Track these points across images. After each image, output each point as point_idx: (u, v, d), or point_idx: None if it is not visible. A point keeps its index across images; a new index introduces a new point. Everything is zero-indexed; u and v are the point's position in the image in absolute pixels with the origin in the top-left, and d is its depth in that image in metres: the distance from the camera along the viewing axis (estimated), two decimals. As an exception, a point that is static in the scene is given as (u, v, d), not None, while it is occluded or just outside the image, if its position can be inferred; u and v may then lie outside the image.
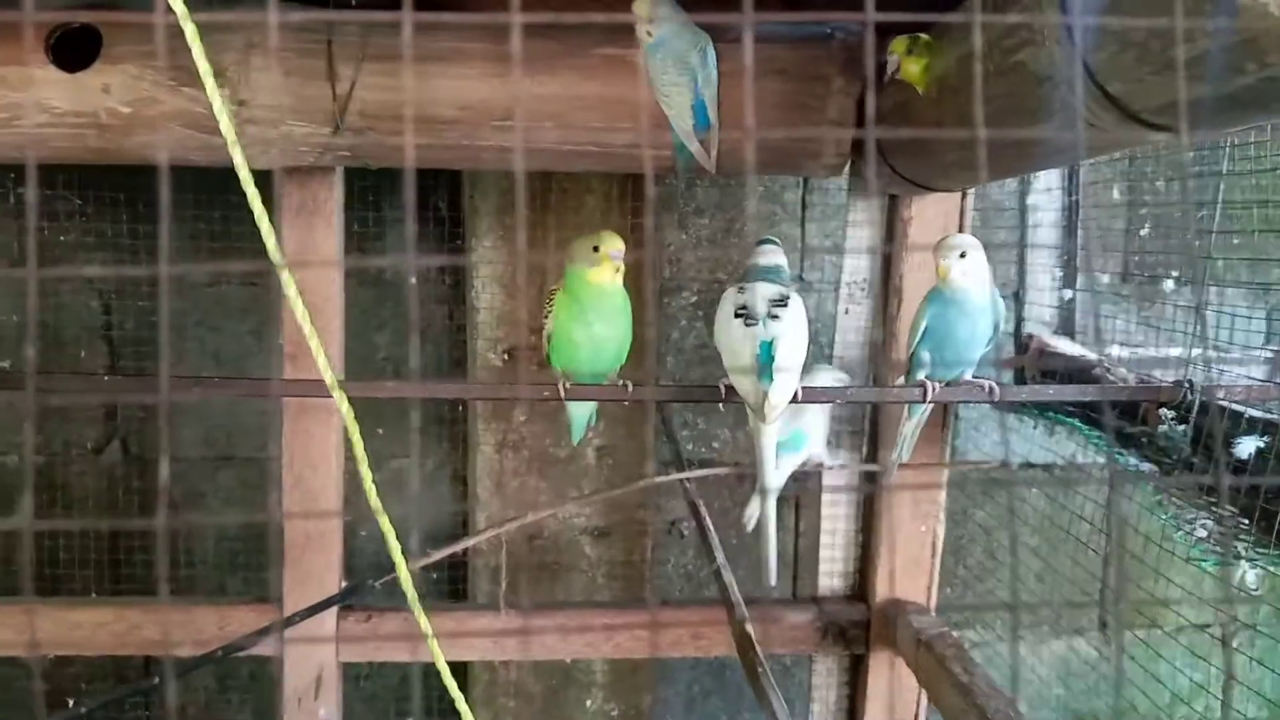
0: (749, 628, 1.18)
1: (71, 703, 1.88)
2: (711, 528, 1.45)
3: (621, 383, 1.28)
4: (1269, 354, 1.56)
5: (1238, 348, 1.44)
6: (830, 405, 1.51)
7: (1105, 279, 1.77)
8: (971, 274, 1.18)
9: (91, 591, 2.00)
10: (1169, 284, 1.63)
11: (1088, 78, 0.84)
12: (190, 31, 0.79)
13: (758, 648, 1.14)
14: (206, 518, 2.20)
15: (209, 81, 0.80)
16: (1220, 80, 0.72)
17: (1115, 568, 1.51)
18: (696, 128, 1.28)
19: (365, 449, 0.97)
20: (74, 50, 1.39)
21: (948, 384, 1.21)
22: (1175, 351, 1.60)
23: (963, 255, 1.19)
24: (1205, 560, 0.99)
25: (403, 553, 1.05)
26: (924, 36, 1.22)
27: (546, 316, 1.28)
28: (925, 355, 1.23)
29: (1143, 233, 1.79)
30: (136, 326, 2.09)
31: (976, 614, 2.14)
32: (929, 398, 1.15)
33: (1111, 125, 0.89)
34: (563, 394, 1.20)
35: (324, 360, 0.87)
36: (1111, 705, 1.92)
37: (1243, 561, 1.04)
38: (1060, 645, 2.26)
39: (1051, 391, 1.09)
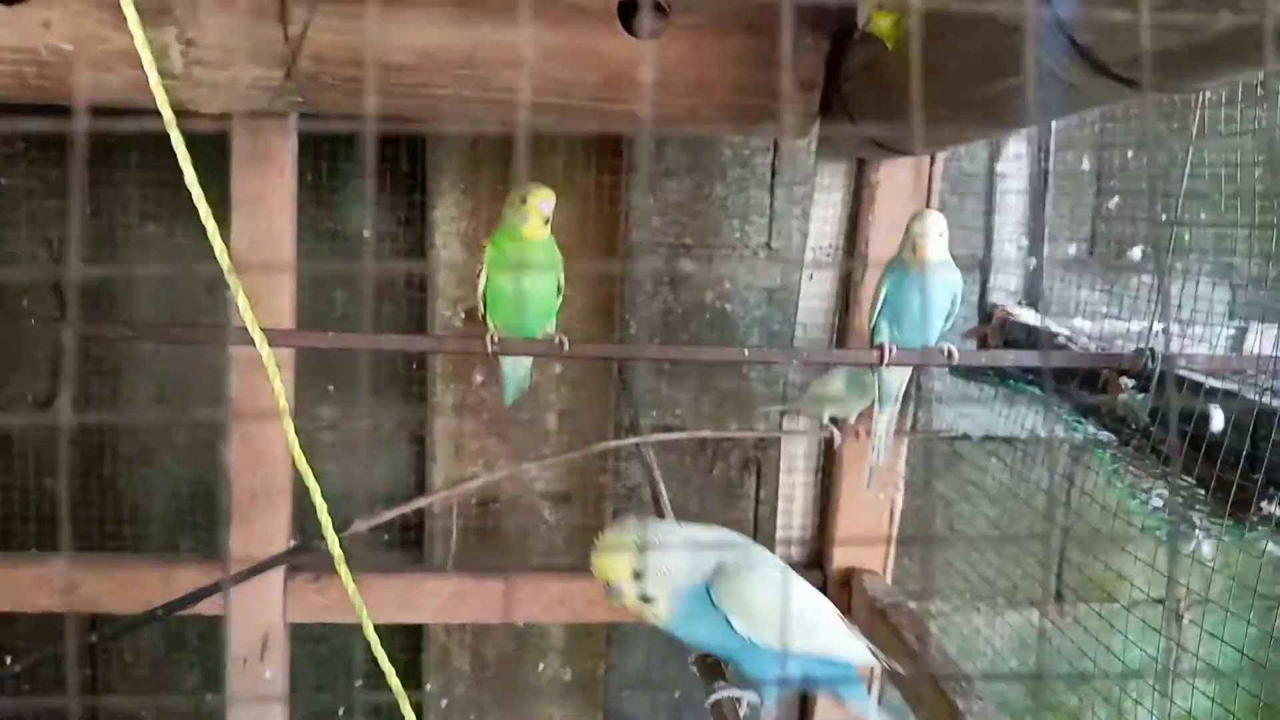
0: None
1: (9, 660, 1.84)
2: (664, 494, 1.42)
3: (558, 339, 1.24)
4: (1233, 328, 1.56)
5: (1201, 321, 1.43)
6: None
7: (1072, 250, 1.76)
8: (943, 251, 1.17)
9: (34, 548, 1.95)
10: (1135, 253, 1.62)
11: (1057, 28, 0.82)
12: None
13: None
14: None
15: (130, 13, 0.75)
16: (1192, 30, 0.70)
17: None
18: None
19: (317, 408, 0.94)
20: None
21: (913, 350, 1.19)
22: (1141, 325, 1.59)
23: (941, 235, 1.17)
24: (1159, 529, 0.98)
25: (350, 516, 1.02)
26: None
27: (479, 272, 1.25)
28: (884, 326, 1.22)
29: (1111, 204, 1.77)
30: (89, 280, 2.03)
31: (935, 585, 2.14)
32: (887, 360, 1.13)
33: (1081, 79, 0.87)
34: (490, 348, 1.17)
35: (244, 302, 0.83)
36: (1058, 675, 1.93)
37: (1197, 532, 1.03)
38: (1017, 617, 2.27)
39: (1011, 358, 1.07)
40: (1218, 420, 0.99)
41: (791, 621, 1.04)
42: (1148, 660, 1.58)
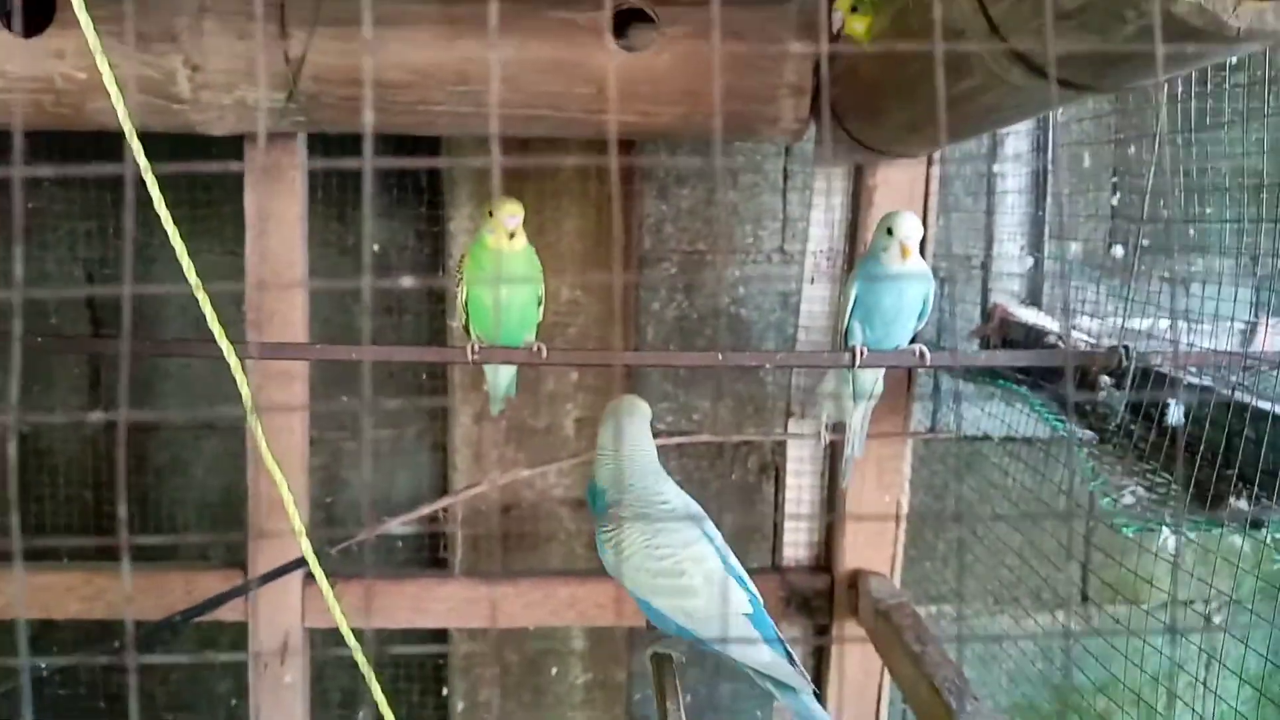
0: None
1: (43, 665, 1.92)
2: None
3: (535, 348, 1.27)
4: (1241, 325, 1.53)
5: (1207, 318, 1.41)
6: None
7: (1074, 248, 1.74)
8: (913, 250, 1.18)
9: (71, 558, 2.03)
10: (1117, 251, 1.60)
11: (991, 31, 0.83)
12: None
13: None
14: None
15: (90, 35, 0.79)
16: (1102, 34, 0.70)
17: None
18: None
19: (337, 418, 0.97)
20: (28, 15, 1.40)
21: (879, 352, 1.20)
22: (1145, 323, 1.58)
23: (922, 240, 1.18)
24: (1128, 526, 0.98)
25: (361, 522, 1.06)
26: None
27: (458, 284, 1.29)
28: (856, 327, 1.22)
29: (1114, 201, 1.75)
30: (119, 296, 2.11)
31: (951, 588, 2.13)
32: (859, 362, 1.14)
33: (1022, 81, 0.87)
34: (470, 357, 1.20)
35: (211, 314, 0.88)
36: (1069, 682, 1.90)
37: (1164, 529, 1.02)
38: (1042, 619, 2.24)
39: (983, 357, 1.07)
40: (1175, 413, 0.98)
41: (657, 580, 1.10)
42: (1174, 665, 1.56)
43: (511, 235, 1.21)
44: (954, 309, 1.80)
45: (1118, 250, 1.60)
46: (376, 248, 2.01)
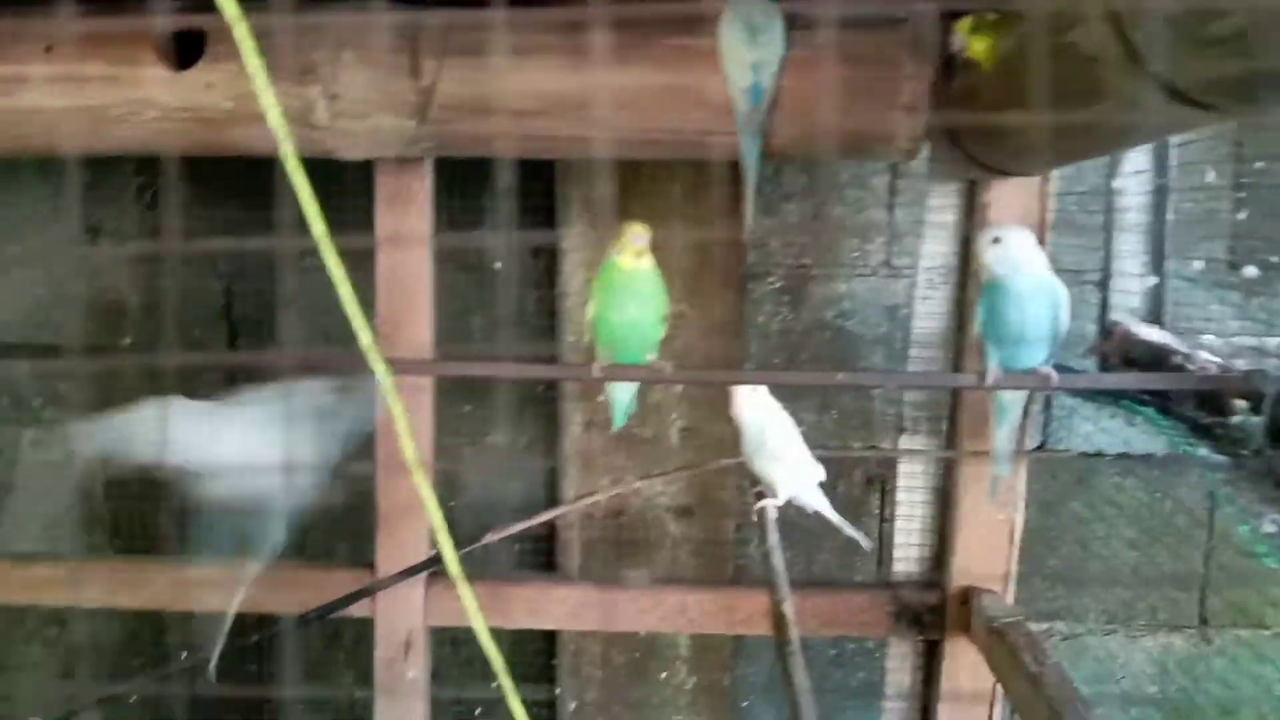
0: (785, 608, 1.20)
1: (184, 654, 2.04)
2: (770, 509, 1.48)
3: (659, 366, 1.31)
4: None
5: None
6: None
7: (1199, 265, 1.70)
8: (1010, 260, 1.16)
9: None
10: (1250, 271, 1.56)
11: (1128, 56, 0.83)
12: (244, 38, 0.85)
13: (792, 629, 1.16)
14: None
15: (259, 76, 0.86)
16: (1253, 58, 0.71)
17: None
18: (750, 104, 1.30)
19: (458, 425, 1.03)
20: (181, 51, 1.51)
21: (1011, 372, 1.19)
22: (1276, 341, 1.54)
23: (996, 240, 1.17)
24: (1268, 557, 0.96)
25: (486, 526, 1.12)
26: (990, 15, 1.22)
27: (587, 303, 1.33)
28: (988, 344, 1.22)
29: (1240, 216, 1.71)
30: (256, 309, 2.23)
31: (1065, 605, 2.10)
32: (987, 383, 1.14)
33: (1161, 105, 0.88)
34: (597, 373, 1.24)
35: (366, 331, 0.94)
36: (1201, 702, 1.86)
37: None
38: (1159, 640, 2.19)
39: (1111, 381, 1.06)
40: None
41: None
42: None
43: (639, 254, 1.25)
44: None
45: (1250, 270, 1.57)
46: (499, 265, 2.08)
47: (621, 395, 1.52)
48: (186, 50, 1.53)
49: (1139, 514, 2.00)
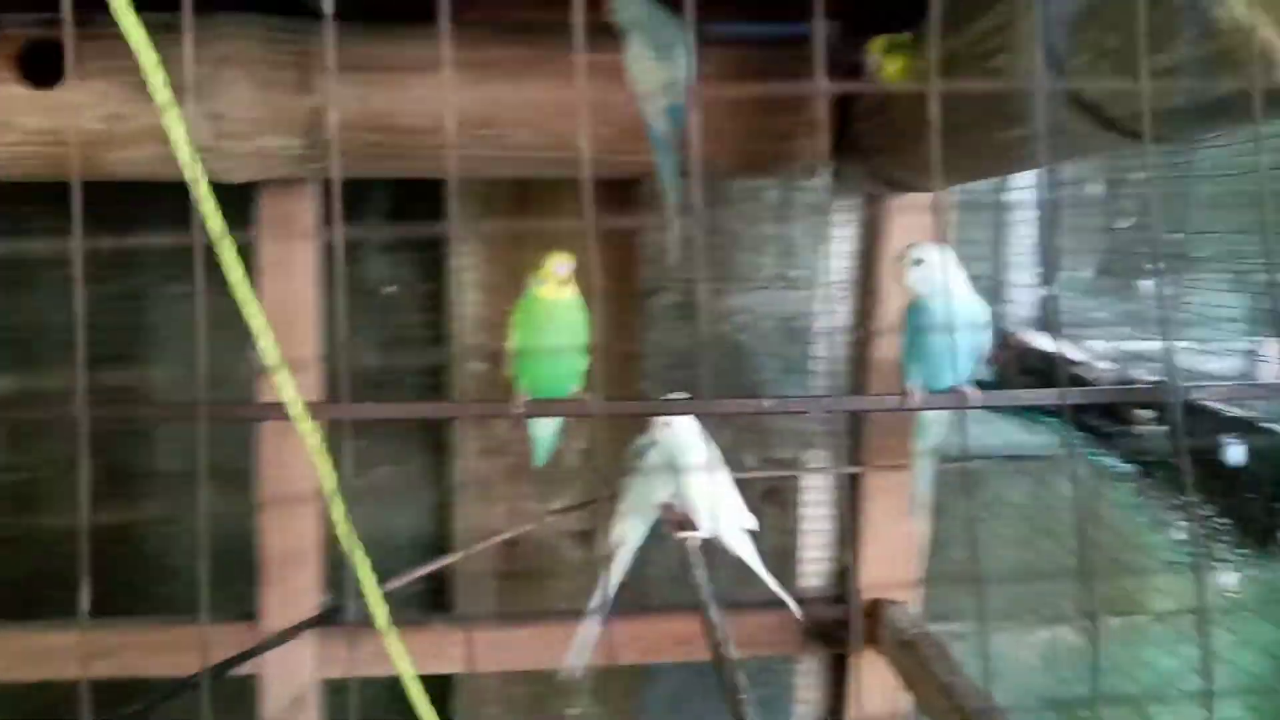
0: (723, 648, 1.18)
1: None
2: (691, 535, 1.45)
3: (585, 398, 1.24)
4: (1245, 345, 1.57)
5: (1216, 341, 1.45)
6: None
7: (1086, 273, 1.78)
8: (932, 281, 1.17)
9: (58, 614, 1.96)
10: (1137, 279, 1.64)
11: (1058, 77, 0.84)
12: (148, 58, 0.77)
13: (741, 678, 1.14)
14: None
15: (160, 93, 0.77)
16: (1195, 91, 0.72)
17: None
18: (669, 124, 1.27)
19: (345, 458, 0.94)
20: (43, 66, 1.37)
21: (934, 392, 1.19)
22: (1157, 344, 1.61)
23: (918, 262, 1.18)
24: (1179, 563, 1.00)
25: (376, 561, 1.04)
26: (904, 35, 1.22)
27: (506, 336, 1.27)
28: (910, 364, 1.23)
29: (1122, 226, 1.79)
30: (115, 342, 2.06)
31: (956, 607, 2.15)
32: (911, 405, 1.15)
33: (1088, 132, 0.89)
34: (520, 410, 1.17)
35: (287, 378, 0.86)
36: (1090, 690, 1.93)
37: (1219, 564, 1.05)
38: (1044, 634, 2.27)
39: (1030, 398, 1.08)
40: (1237, 453, 1.00)
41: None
42: (1177, 671, 1.59)
43: (561, 284, 1.20)
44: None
45: (1136, 279, 1.64)
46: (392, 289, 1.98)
47: (544, 432, 1.46)
48: (39, 67, 1.39)
49: (1026, 513, 2.07)
